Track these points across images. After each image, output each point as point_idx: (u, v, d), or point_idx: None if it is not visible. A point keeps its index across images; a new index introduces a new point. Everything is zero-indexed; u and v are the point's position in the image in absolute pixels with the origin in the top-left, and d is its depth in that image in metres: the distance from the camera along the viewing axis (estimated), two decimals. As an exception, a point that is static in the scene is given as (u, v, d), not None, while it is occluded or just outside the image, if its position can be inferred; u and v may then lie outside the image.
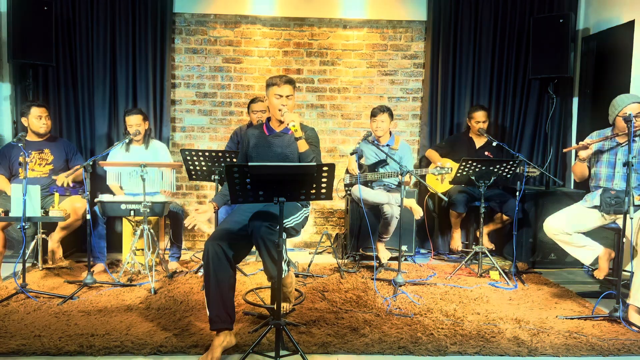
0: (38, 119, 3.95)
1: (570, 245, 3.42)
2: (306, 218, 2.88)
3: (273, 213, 2.58)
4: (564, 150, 3.95)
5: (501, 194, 4.37)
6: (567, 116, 4.94)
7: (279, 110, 2.80)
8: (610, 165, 3.37)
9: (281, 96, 2.81)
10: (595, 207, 3.35)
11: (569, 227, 3.37)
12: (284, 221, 2.64)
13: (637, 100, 3.25)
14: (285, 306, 3.04)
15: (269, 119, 2.97)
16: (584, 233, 3.40)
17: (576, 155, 3.50)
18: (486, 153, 4.56)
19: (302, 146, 2.74)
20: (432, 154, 4.67)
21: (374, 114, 4.17)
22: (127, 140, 4.01)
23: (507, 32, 4.87)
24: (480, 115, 4.50)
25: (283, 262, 2.63)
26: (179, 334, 2.72)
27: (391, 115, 4.17)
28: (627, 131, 3.13)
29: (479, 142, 4.62)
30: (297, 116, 2.74)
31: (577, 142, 4.92)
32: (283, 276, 2.75)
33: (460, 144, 4.64)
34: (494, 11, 4.85)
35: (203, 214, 2.61)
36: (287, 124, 2.71)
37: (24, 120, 3.99)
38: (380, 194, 4.03)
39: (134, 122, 4.03)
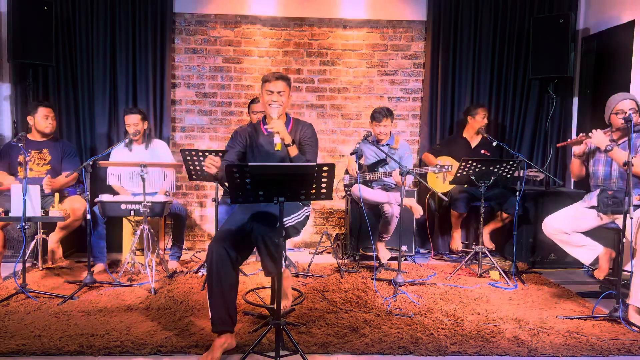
0: (44, 119, 3.96)
1: (568, 244, 3.42)
2: (307, 217, 2.87)
3: (273, 213, 2.58)
4: (558, 145, 3.94)
5: (501, 192, 4.37)
6: (567, 116, 4.94)
7: (269, 105, 2.76)
8: (608, 164, 3.37)
9: (272, 92, 2.77)
10: (593, 207, 3.35)
11: (568, 226, 3.37)
12: (285, 219, 2.65)
13: (630, 96, 3.27)
14: (283, 304, 3.04)
15: (265, 117, 2.94)
16: (583, 233, 3.40)
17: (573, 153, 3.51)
18: (482, 151, 4.56)
19: (292, 151, 2.72)
20: (428, 157, 4.67)
21: (377, 119, 4.11)
22: (127, 141, 4.01)
23: (507, 32, 4.87)
24: (484, 112, 4.53)
25: (279, 256, 2.63)
26: (179, 334, 2.72)
27: (392, 117, 4.17)
28: (621, 127, 3.15)
29: (474, 141, 4.62)
30: (281, 124, 2.67)
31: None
32: (279, 271, 2.75)
33: (456, 145, 4.64)
34: (494, 11, 4.85)
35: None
36: (272, 132, 2.65)
37: (29, 118, 3.99)
38: (380, 194, 4.03)
39: (132, 122, 4.04)
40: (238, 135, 2.94)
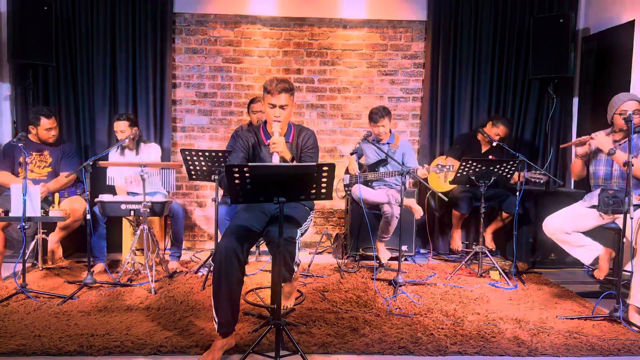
0: (48, 131, 3.93)
1: (569, 244, 3.41)
2: (311, 220, 2.94)
3: (291, 218, 2.62)
4: (561, 145, 3.94)
5: (501, 192, 4.37)
6: (567, 116, 4.94)
7: (272, 120, 2.69)
8: (608, 164, 3.37)
9: (275, 106, 2.67)
10: (593, 206, 3.34)
11: (568, 226, 3.37)
12: (299, 228, 2.69)
13: (634, 97, 3.26)
14: (285, 304, 3.05)
15: (265, 123, 2.87)
16: (583, 233, 3.40)
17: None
18: (490, 157, 4.55)
19: None
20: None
21: (374, 120, 4.10)
22: (122, 144, 3.99)
23: (507, 32, 4.87)
24: (504, 129, 4.44)
25: (294, 265, 2.66)
26: (179, 334, 2.72)
27: (390, 116, 4.16)
28: (625, 128, 3.14)
29: (486, 146, 4.60)
30: (282, 143, 2.59)
31: (577, 142, 4.94)
32: (292, 276, 2.79)
33: (469, 145, 4.63)
34: (494, 11, 4.85)
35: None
36: (271, 152, 2.60)
37: (31, 128, 3.95)
38: (380, 194, 4.03)
39: (119, 129, 4.04)
40: (240, 139, 2.85)
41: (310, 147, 2.84)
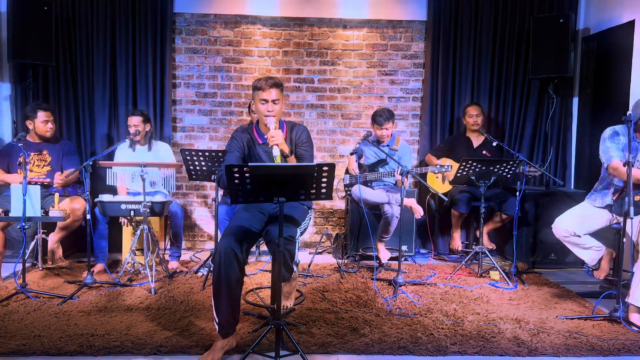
0: (44, 124, 3.95)
1: (577, 246, 3.38)
2: (310, 219, 2.94)
3: (290, 217, 2.63)
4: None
5: (501, 193, 4.37)
6: (567, 116, 4.94)
7: (265, 116, 2.70)
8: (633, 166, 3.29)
9: (267, 101, 2.69)
10: (606, 206, 3.30)
11: (579, 228, 3.31)
12: (299, 228, 2.69)
13: None
14: (285, 304, 3.05)
15: (257, 122, 2.88)
16: (590, 234, 3.37)
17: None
18: (484, 152, 4.56)
19: (291, 162, 2.70)
20: (430, 158, 4.66)
21: (379, 122, 4.07)
22: (127, 140, 4.01)
23: (507, 32, 4.87)
24: (472, 109, 4.52)
25: (293, 264, 2.66)
26: (179, 334, 2.72)
27: (394, 119, 4.16)
28: None
29: (477, 141, 4.62)
30: (280, 136, 2.60)
31: (577, 142, 4.93)
32: (291, 275, 2.79)
33: (458, 144, 4.64)
34: (494, 11, 4.85)
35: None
36: (269, 142, 2.60)
37: (28, 123, 3.97)
38: (381, 194, 4.03)
39: (133, 123, 4.08)
40: (234, 139, 2.86)
41: (304, 142, 2.85)
